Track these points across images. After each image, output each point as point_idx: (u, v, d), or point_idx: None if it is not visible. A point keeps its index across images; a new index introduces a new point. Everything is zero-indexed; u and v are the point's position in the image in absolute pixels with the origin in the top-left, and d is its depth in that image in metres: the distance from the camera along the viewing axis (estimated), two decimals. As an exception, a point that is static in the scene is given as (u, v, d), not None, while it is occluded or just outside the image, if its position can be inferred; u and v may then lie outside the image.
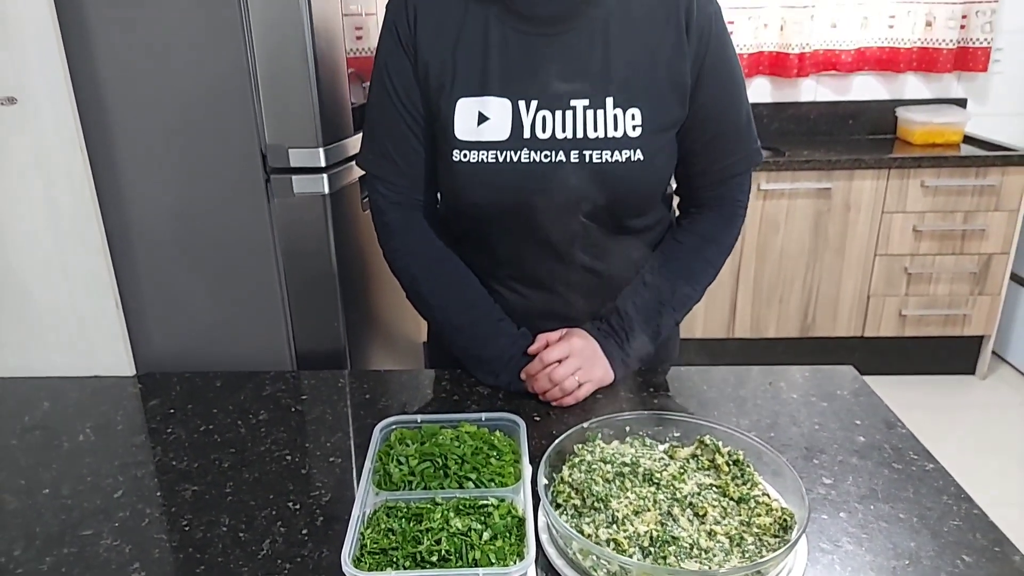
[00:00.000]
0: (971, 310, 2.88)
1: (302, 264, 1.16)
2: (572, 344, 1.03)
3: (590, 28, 0.98)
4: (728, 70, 1.03)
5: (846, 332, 2.94)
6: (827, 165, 2.70)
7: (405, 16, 0.99)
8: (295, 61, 1.03)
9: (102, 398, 1.10)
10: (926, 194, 2.74)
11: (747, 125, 1.07)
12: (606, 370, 1.05)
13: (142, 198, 1.10)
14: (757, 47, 3.00)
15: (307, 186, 1.11)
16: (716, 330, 2.94)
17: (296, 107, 1.06)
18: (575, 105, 0.97)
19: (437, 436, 0.88)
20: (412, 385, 1.14)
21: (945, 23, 2.94)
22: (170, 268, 1.14)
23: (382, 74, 1.02)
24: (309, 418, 1.04)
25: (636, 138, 0.98)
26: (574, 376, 1.01)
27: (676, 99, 1.00)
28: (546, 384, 1.01)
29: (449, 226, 1.11)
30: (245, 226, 1.12)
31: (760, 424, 1.00)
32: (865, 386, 1.10)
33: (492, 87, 0.98)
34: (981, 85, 3.11)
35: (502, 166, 0.98)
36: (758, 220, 2.78)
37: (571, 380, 1.01)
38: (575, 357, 1.02)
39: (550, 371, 1.01)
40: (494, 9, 0.98)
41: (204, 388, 1.11)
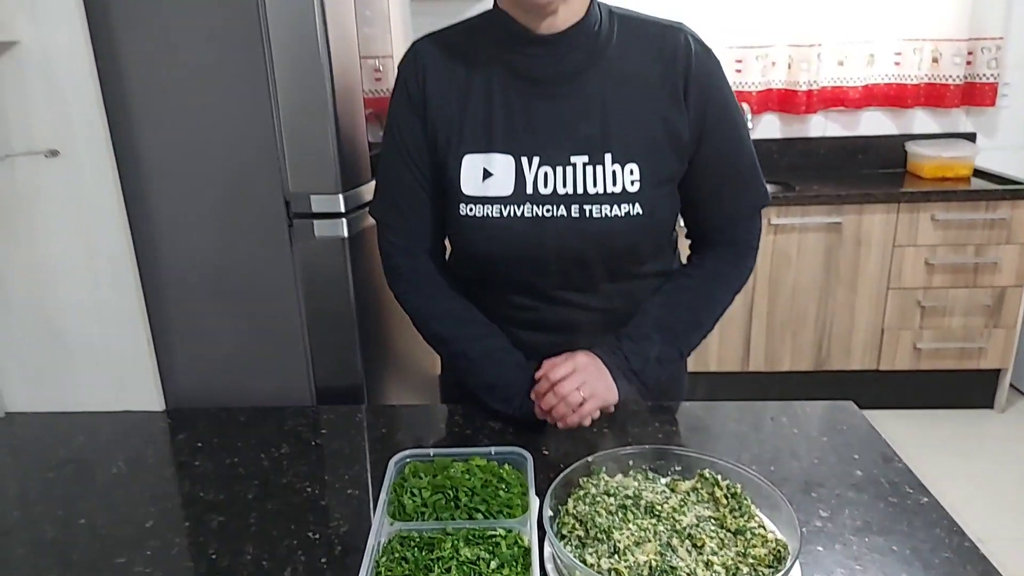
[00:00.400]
0: (987, 343, 2.88)
1: (322, 304, 1.22)
2: (576, 360, 1.05)
3: (589, 89, 1.03)
4: (730, 120, 1.07)
5: (861, 365, 2.94)
6: (837, 200, 2.74)
7: (415, 75, 1.06)
8: (316, 117, 1.11)
9: (134, 432, 1.15)
10: (937, 227, 2.77)
11: (751, 169, 1.11)
12: (609, 386, 1.07)
13: (173, 243, 1.17)
14: (766, 84, 3.06)
15: (327, 230, 1.18)
16: (730, 363, 2.96)
17: (317, 158, 1.13)
18: (575, 162, 1.02)
19: (449, 469, 0.93)
20: (426, 420, 1.19)
21: (951, 59, 2.99)
22: (198, 308, 1.21)
23: (393, 130, 1.08)
24: (328, 452, 1.09)
25: (635, 192, 1.02)
26: (579, 391, 1.03)
27: (674, 154, 1.04)
28: (552, 400, 1.03)
29: (457, 272, 1.16)
30: (269, 269, 1.18)
31: (761, 458, 1.03)
32: (865, 421, 1.13)
33: (496, 144, 1.03)
34: (990, 119, 3.15)
35: (506, 220, 1.03)
36: (770, 254, 2.81)
37: (576, 395, 1.03)
38: (579, 372, 1.04)
39: (556, 387, 1.03)
40: (498, 71, 1.04)
41: (229, 423, 1.17)
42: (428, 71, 1.05)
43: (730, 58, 3.05)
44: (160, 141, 1.12)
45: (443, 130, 1.05)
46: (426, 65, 1.06)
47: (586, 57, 1.03)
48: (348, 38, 1.18)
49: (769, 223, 2.76)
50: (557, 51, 1.02)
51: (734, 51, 3.03)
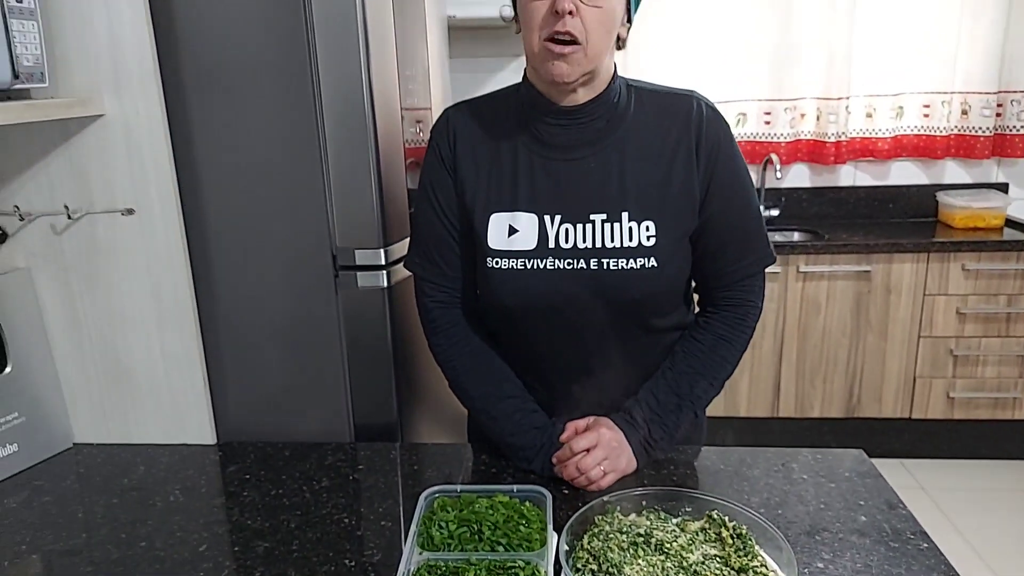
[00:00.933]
0: (1021, 393, 2.86)
1: (362, 348, 1.32)
2: (600, 435, 1.11)
3: (607, 153, 1.11)
4: (738, 182, 1.14)
5: (893, 413, 2.94)
6: (865, 249, 2.78)
7: (447, 140, 1.16)
8: (362, 180, 1.23)
9: (189, 463, 1.26)
10: (968, 277, 2.78)
11: (757, 231, 1.17)
12: (630, 460, 1.14)
13: (230, 292, 1.29)
14: (795, 136, 3.14)
15: (369, 281, 1.29)
16: (760, 409, 2.98)
17: (362, 216, 1.25)
18: (594, 219, 1.10)
19: (474, 504, 1.01)
20: (455, 458, 1.27)
21: (980, 111, 3.03)
22: (250, 351, 1.32)
23: (426, 188, 1.18)
24: (364, 486, 1.18)
25: (650, 247, 1.09)
26: (600, 466, 1.10)
27: (688, 211, 1.12)
28: (574, 472, 1.10)
29: (486, 322, 1.24)
30: (315, 316, 1.29)
31: (770, 502, 1.09)
32: (872, 469, 1.18)
33: (521, 204, 1.12)
34: (1021, 170, 3.16)
35: (530, 272, 1.11)
36: (799, 301, 2.86)
37: (597, 470, 1.09)
38: (602, 448, 1.10)
39: (578, 460, 1.10)
40: (524, 138, 1.13)
41: (275, 457, 1.27)
42: (458, 136, 1.15)
43: (758, 110, 3.14)
44: (223, 201, 1.25)
45: (471, 190, 1.14)
46: (457, 130, 1.16)
47: (605, 125, 1.11)
48: (392, 101, 1.30)
49: (797, 270, 2.81)
50: (579, 121, 1.11)
51: (763, 104, 3.12)
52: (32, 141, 1.19)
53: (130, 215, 1.21)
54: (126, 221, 1.22)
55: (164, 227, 1.22)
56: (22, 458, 1.25)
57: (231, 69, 1.20)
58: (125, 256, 1.23)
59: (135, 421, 1.32)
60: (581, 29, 1.01)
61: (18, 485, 1.21)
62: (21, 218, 1.21)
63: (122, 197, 1.21)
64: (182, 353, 1.28)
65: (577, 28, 1.01)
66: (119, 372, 1.30)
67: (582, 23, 1.01)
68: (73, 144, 1.19)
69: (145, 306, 1.26)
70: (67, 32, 1.14)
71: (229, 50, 1.20)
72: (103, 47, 1.14)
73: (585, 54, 1.03)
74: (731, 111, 3.14)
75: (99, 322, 1.28)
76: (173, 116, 1.21)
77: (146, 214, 1.21)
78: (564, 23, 1.00)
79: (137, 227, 1.22)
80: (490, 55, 3.12)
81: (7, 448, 1.23)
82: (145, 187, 1.20)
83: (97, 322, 1.28)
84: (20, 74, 1.04)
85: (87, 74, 1.16)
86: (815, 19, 2.98)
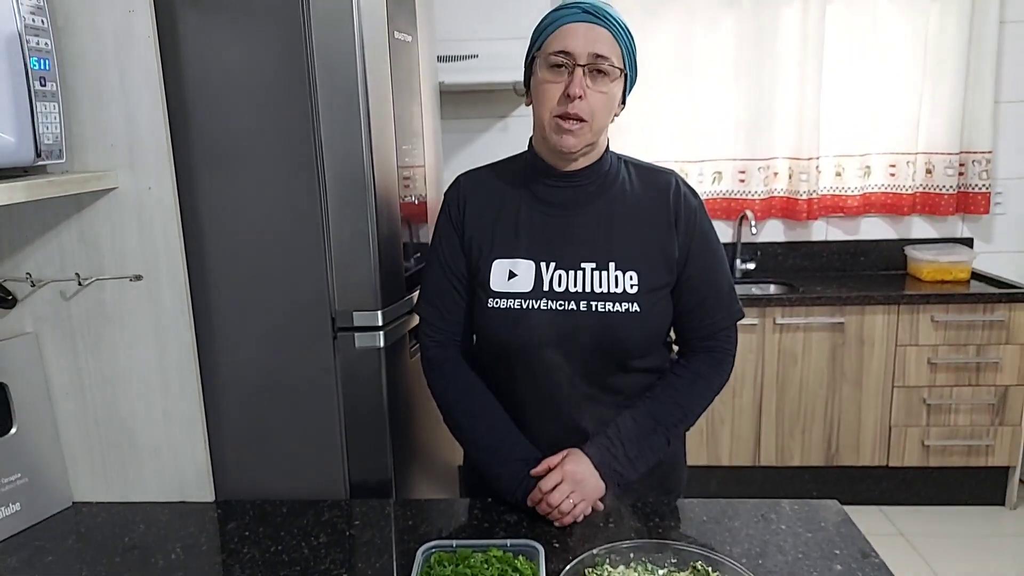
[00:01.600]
0: (993, 440, 2.94)
1: (358, 407, 1.37)
2: (564, 471, 1.21)
3: (597, 211, 1.26)
4: (710, 251, 1.29)
5: (871, 461, 3.01)
6: (838, 301, 2.89)
7: (457, 202, 1.31)
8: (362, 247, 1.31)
9: (188, 521, 1.29)
10: (937, 328, 2.88)
11: (729, 292, 1.31)
12: (597, 485, 1.22)
13: (233, 355, 1.35)
14: (768, 193, 3.27)
15: (366, 341, 1.35)
16: (742, 458, 3.03)
17: (361, 281, 1.32)
18: (585, 267, 1.23)
19: (469, 559, 1.06)
20: (448, 513, 1.32)
21: (943, 171, 3.18)
22: (249, 411, 1.37)
23: (437, 245, 1.32)
24: (361, 541, 1.22)
25: (633, 294, 1.22)
26: (568, 499, 1.20)
27: (665, 267, 1.25)
28: (546, 508, 1.21)
29: (481, 362, 1.34)
30: (313, 376, 1.35)
31: (751, 552, 1.15)
32: (847, 519, 1.24)
33: (521, 252, 1.25)
34: (985, 226, 3.31)
35: (526, 311, 1.23)
36: (776, 352, 2.94)
37: (566, 503, 1.20)
38: (566, 482, 1.20)
39: (547, 498, 1.20)
40: (525, 196, 1.28)
41: (273, 514, 1.31)
42: (468, 198, 1.30)
43: (733, 169, 3.27)
44: (227, 267, 1.31)
45: (477, 242, 1.27)
46: (467, 194, 1.31)
47: (596, 189, 1.26)
48: (390, 169, 1.39)
49: (774, 322, 2.90)
50: (574, 184, 1.26)
51: (737, 163, 3.26)
52: (45, 211, 1.25)
53: (138, 281, 1.27)
54: (134, 287, 1.28)
55: (171, 292, 1.28)
56: (24, 518, 1.28)
57: (239, 144, 1.29)
58: (132, 320, 1.29)
59: (135, 480, 1.36)
60: (588, 110, 1.17)
61: (20, 545, 1.24)
62: (32, 284, 1.27)
63: (131, 264, 1.27)
64: (184, 414, 1.33)
65: (585, 110, 1.17)
66: (121, 432, 1.34)
67: (589, 105, 1.17)
68: (85, 215, 1.25)
69: (149, 369, 1.31)
70: (84, 113, 1.22)
71: (237, 126, 1.28)
72: (120, 127, 1.22)
73: (590, 130, 1.19)
74: (707, 170, 3.27)
75: (103, 384, 1.32)
76: (182, 188, 1.28)
77: (154, 280, 1.27)
78: (575, 105, 1.16)
79: (144, 293, 1.28)
80: (477, 116, 3.25)
81: (10, 508, 1.26)
82: (154, 254, 1.26)
83: (101, 384, 1.32)
84: (42, 152, 1.11)
85: (102, 151, 1.23)
86: (786, 85, 3.14)
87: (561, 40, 1.17)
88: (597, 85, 1.17)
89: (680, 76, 3.17)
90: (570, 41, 1.16)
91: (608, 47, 1.17)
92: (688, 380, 1.30)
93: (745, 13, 3.11)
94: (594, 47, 1.16)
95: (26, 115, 1.08)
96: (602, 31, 1.17)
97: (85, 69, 1.21)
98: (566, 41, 1.16)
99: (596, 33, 1.16)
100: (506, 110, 3.26)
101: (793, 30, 3.09)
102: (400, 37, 1.43)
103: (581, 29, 1.16)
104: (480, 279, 1.27)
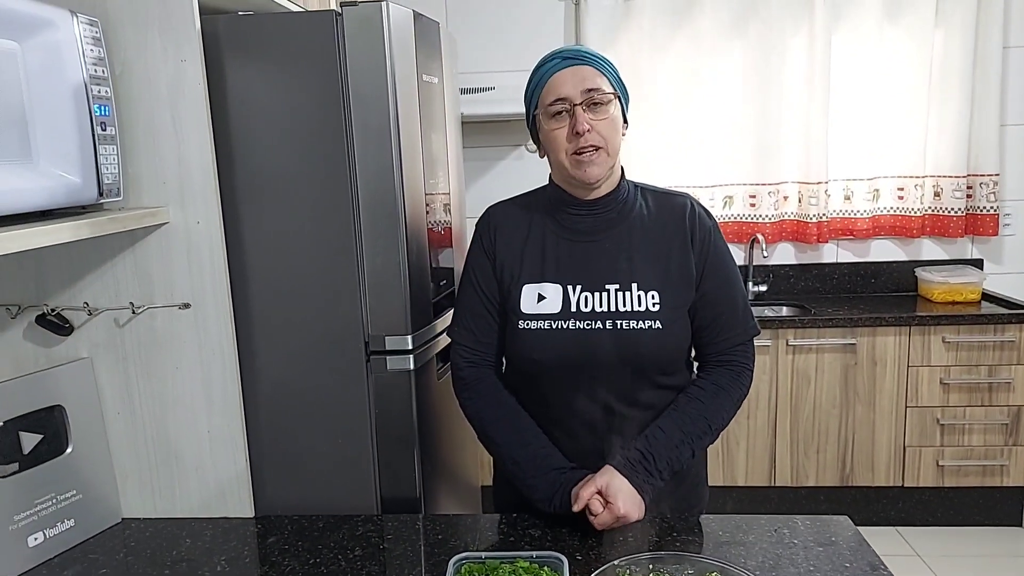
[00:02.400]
0: (1007, 461, 2.97)
1: (389, 426, 1.45)
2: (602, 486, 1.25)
3: (619, 237, 1.35)
4: (725, 268, 1.37)
5: (885, 481, 3.04)
6: (850, 323, 2.94)
7: (488, 232, 1.40)
8: (394, 276, 1.40)
9: (231, 536, 1.37)
10: (949, 349, 2.93)
11: (744, 309, 1.38)
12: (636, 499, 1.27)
13: (272, 378, 1.43)
14: (779, 217, 3.34)
15: (397, 364, 1.43)
16: (758, 479, 3.07)
17: (393, 308, 1.41)
18: (609, 288, 1.32)
19: (498, 570, 1.12)
20: (475, 528, 1.38)
21: (951, 194, 3.24)
22: (286, 431, 1.45)
23: (469, 271, 1.41)
24: (394, 555, 1.29)
25: (656, 312, 1.30)
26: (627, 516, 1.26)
27: (684, 285, 1.33)
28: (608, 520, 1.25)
29: (512, 381, 1.41)
30: (347, 397, 1.43)
31: (764, 565, 1.21)
32: (857, 534, 1.30)
33: (548, 276, 1.34)
34: (994, 247, 3.36)
35: (555, 332, 1.31)
36: (789, 373, 2.99)
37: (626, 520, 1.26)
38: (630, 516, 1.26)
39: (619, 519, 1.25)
40: (551, 225, 1.37)
41: (310, 528, 1.38)
42: (498, 229, 1.39)
43: (744, 194, 3.35)
44: (269, 297, 1.41)
45: (508, 268, 1.36)
46: (497, 224, 1.40)
47: (616, 216, 1.35)
48: (419, 200, 1.48)
49: (787, 344, 2.96)
50: (595, 212, 1.35)
51: (748, 187, 3.34)
52: (102, 245, 1.35)
53: (186, 309, 1.36)
54: (182, 314, 1.37)
55: (216, 319, 1.37)
56: (77, 533, 1.36)
57: (279, 180, 1.38)
58: (180, 346, 1.38)
59: (180, 496, 1.44)
60: (599, 137, 1.27)
61: (73, 559, 1.32)
62: (90, 313, 1.36)
63: (180, 293, 1.36)
64: (227, 434, 1.41)
65: (596, 138, 1.27)
66: (168, 451, 1.42)
67: (598, 133, 1.26)
68: (139, 248, 1.35)
69: (196, 391, 1.39)
70: (139, 153, 1.32)
71: (278, 164, 1.38)
72: (172, 166, 1.32)
73: (607, 153, 1.28)
74: (718, 195, 3.35)
75: (152, 406, 1.41)
76: (227, 221, 1.38)
77: (200, 308, 1.36)
78: (586, 138, 1.25)
79: (192, 320, 1.37)
80: (494, 145, 3.36)
81: (65, 523, 1.34)
82: (201, 284, 1.35)
83: (151, 406, 1.41)
84: (103, 191, 1.20)
85: (155, 188, 1.33)
86: (794, 111, 3.22)
87: (554, 90, 1.27)
88: (598, 114, 1.27)
89: (690, 104, 3.26)
90: (561, 87, 1.26)
91: (595, 80, 1.27)
92: (710, 392, 1.35)
93: (752, 42, 3.21)
94: (583, 84, 1.26)
95: (90, 158, 1.18)
96: (585, 68, 1.27)
97: (140, 113, 1.31)
98: (558, 89, 1.27)
99: (581, 72, 1.27)
100: (521, 139, 3.36)
101: (800, 58, 3.18)
102: (428, 79, 1.53)
103: (567, 74, 1.27)
104: (511, 303, 1.35)
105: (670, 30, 3.22)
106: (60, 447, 1.34)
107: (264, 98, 1.36)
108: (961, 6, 3.11)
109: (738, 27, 3.21)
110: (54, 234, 1.05)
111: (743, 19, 3.20)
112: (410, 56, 1.42)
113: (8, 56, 1.05)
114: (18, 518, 1.26)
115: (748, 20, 3.20)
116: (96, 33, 1.20)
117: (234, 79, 1.36)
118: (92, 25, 1.19)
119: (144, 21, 1.28)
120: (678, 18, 3.21)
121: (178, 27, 1.28)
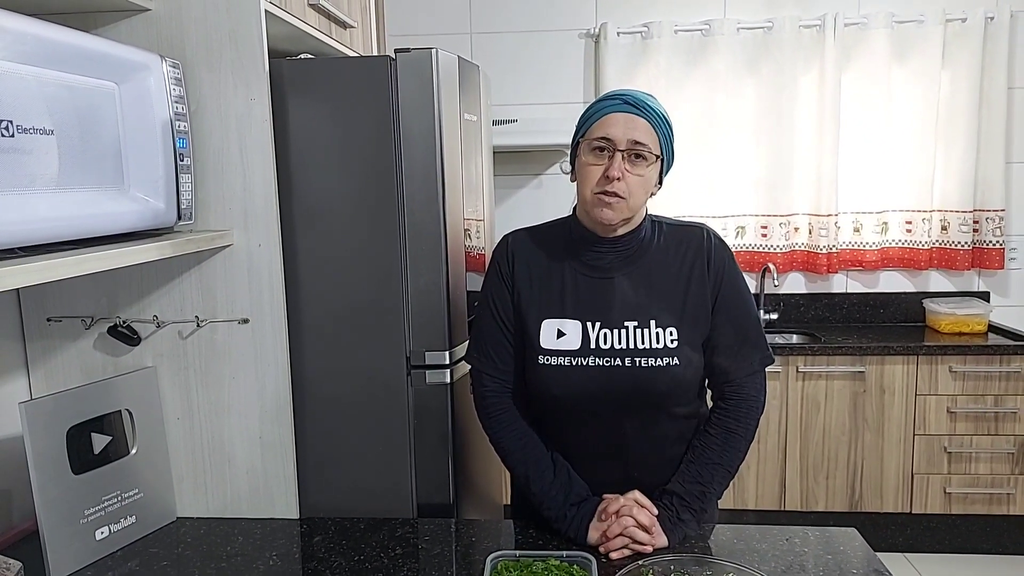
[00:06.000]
0: (1014, 489, 3.03)
1: (426, 436, 1.56)
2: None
3: (637, 273, 1.40)
4: (739, 298, 1.42)
5: (894, 508, 3.10)
6: (859, 351, 3.03)
7: (507, 259, 1.45)
8: (435, 296, 1.53)
9: (279, 535, 1.48)
10: (956, 379, 3.01)
11: (757, 338, 1.43)
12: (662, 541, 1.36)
13: (321, 388, 1.55)
14: (790, 247, 3.45)
15: (435, 377, 1.55)
16: (767, 502, 3.15)
17: (433, 325, 1.53)
18: (628, 325, 1.36)
19: (531, 567, 1.23)
20: (506, 531, 1.49)
21: (958, 228, 3.34)
22: (331, 438, 1.57)
23: (488, 298, 1.45)
24: (431, 554, 1.40)
25: (673, 348, 1.36)
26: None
27: (702, 319, 1.39)
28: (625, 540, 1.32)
29: (533, 410, 1.48)
30: (389, 408, 1.55)
31: (776, 570, 1.30)
32: (863, 544, 1.39)
33: (568, 312, 1.39)
34: (1001, 280, 3.45)
35: (574, 368, 1.37)
36: (799, 399, 3.08)
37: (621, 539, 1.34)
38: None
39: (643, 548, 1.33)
40: (570, 261, 1.42)
41: (352, 529, 1.49)
42: (516, 257, 1.44)
43: (756, 224, 3.46)
44: (320, 313, 1.53)
45: (526, 300, 1.41)
46: (515, 252, 1.44)
47: (635, 253, 1.40)
48: (458, 225, 1.60)
49: (797, 371, 3.05)
50: (615, 250, 1.39)
51: (759, 218, 3.45)
52: (172, 264, 1.48)
53: (245, 324, 1.49)
54: (241, 328, 1.49)
55: (272, 334, 1.49)
56: (138, 529, 1.47)
57: (334, 208, 1.52)
58: (237, 358, 1.50)
59: (232, 498, 1.55)
60: (625, 189, 1.31)
61: (134, 552, 1.43)
62: (158, 325, 1.49)
63: (240, 309, 1.48)
64: (277, 441, 1.52)
65: (622, 189, 1.31)
66: (222, 455, 1.54)
67: (627, 185, 1.31)
68: (204, 266, 1.48)
69: (250, 400, 1.51)
70: (209, 181, 1.45)
71: (333, 193, 1.52)
72: (238, 193, 1.45)
73: (627, 207, 1.33)
74: (731, 225, 3.47)
75: (209, 413, 1.53)
76: (285, 244, 1.51)
77: (258, 323, 1.49)
78: (613, 185, 1.31)
79: (249, 334, 1.49)
80: (516, 174, 3.52)
81: (127, 520, 1.45)
82: (259, 301, 1.48)
83: (208, 413, 1.53)
84: (181, 215, 1.33)
85: (222, 213, 1.46)
86: (804, 147, 3.35)
87: (604, 128, 1.31)
88: (635, 168, 1.31)
89: (705, 138, 3.40)
90: (611, 129, 1.30)
91: (646, 135, 1.31)
92: (722, 439, 1.40)
93: (764, 80, 3.35)
94: (633, 135, 1.30)
95: (172, 185, 1.31)
96: (641, 121, 1.31)
97: (211, 145, 1.45)
98: (608, 129, 1.31)
99: (635, 123, 1.31)
100: (541, 168, 3.51)
101: (811, 96, 3.32)
102: (468, 118, 1.66)
103: (621, 119, 1.31)
104: (529, 336, 1.39)
105: (686, 68, 3.37)
106: (125, 449, 1.46)
107: (322, 134, 1.50)
108: (967, 48, 3.24)
109: (751, 66, 3.35)
110: (144, 253, 1.18)
111: (756, 59, 3.34)
112: (455, 98, 1.56)
113: (107, 95, 1.19)
114: (88, 513, 1.38)
115: (761, 60, 3.34)
116: (178, 74, 1.34)
117: (296, 116, 1.50)
118: (175, 67, 1.34)
119: (219, 63, 1.42)
120: (693, 56, 3.36)
121: (248, 69, 1.42)
